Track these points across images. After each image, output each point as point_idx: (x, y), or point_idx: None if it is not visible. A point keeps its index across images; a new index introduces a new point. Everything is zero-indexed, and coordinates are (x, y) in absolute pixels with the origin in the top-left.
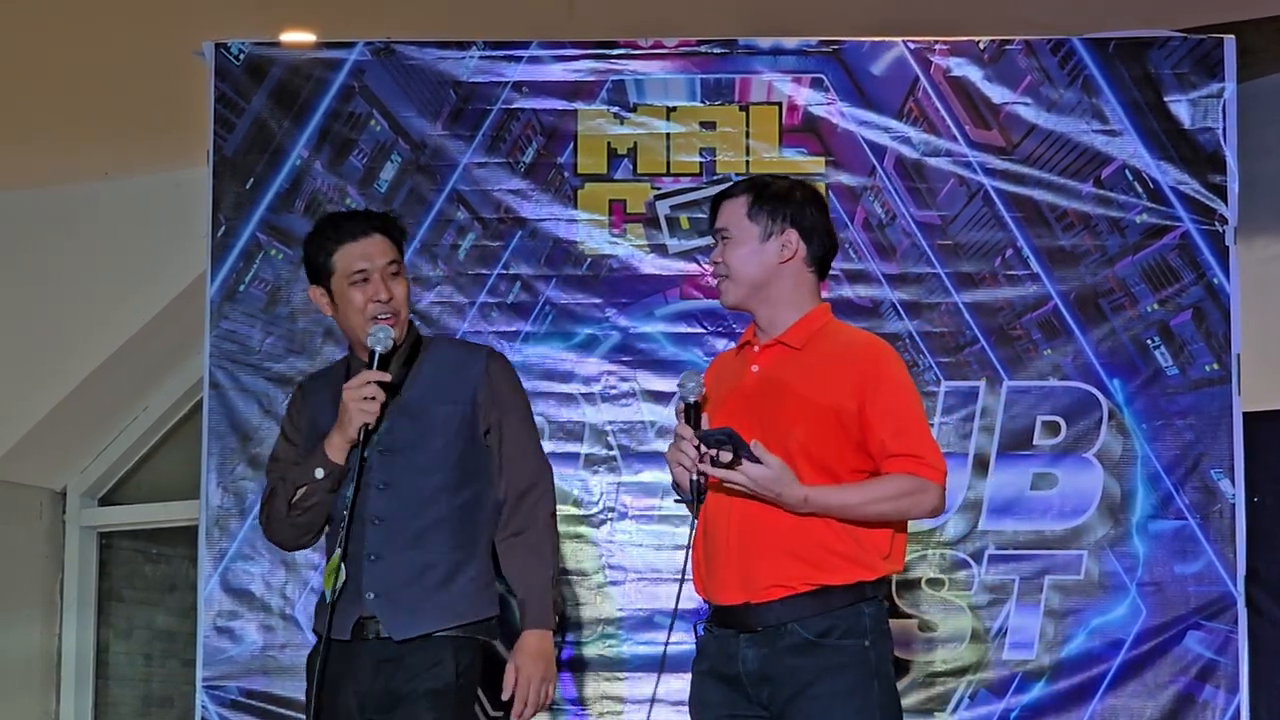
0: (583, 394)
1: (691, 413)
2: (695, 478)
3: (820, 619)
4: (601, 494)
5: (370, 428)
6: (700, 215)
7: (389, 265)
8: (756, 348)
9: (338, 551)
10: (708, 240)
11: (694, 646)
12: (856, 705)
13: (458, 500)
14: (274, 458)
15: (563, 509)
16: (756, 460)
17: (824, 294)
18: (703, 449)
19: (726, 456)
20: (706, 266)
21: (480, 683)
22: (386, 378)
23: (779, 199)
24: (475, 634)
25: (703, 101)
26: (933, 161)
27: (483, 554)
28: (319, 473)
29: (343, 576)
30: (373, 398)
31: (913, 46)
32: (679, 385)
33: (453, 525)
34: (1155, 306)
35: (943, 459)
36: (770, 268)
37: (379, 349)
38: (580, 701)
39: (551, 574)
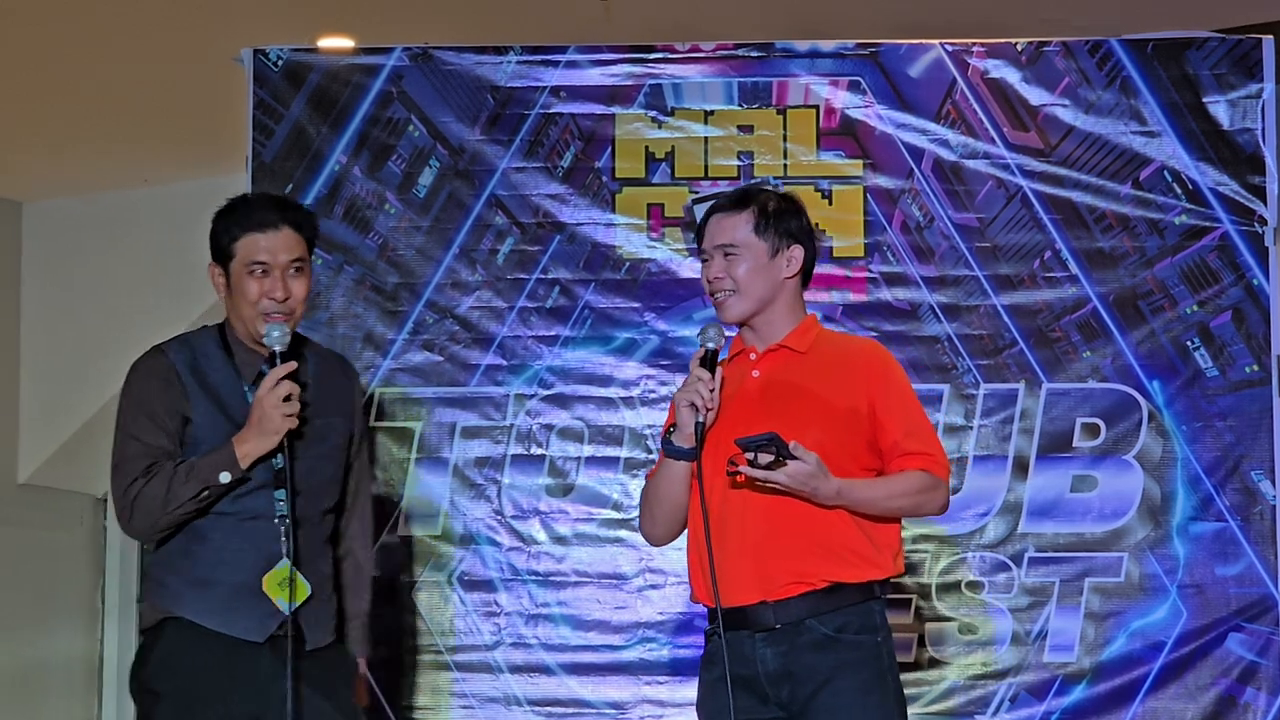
0: (622, 398)
1: (709, 358)
2: (701, 419)
3: (836, 615)
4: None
5: (292, 430)
6: None
7: (293, 262)
8: (754, 355)
9: (286, 562)
10: None
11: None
12: (876, 701)
13: (335, 514)
14: (137, 438)
15: (603, 513)
16: (797, 459)
17: (863, 297)
18: (751, 455)
19: (767, 458)
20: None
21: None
22: (293, 366)
23: (783, 215)
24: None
25: (740, 105)
26: (971, 164)
27: None
28: (224, 477)
29: (308, 589)
30: (289, 398)
31: (950, 49)
32: (700, 334)
33: (332, 538)
34: (1195, 308)
35: (948, 459)
36: (777, 283)
37: (277, 348)
38: (620, 705)
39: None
